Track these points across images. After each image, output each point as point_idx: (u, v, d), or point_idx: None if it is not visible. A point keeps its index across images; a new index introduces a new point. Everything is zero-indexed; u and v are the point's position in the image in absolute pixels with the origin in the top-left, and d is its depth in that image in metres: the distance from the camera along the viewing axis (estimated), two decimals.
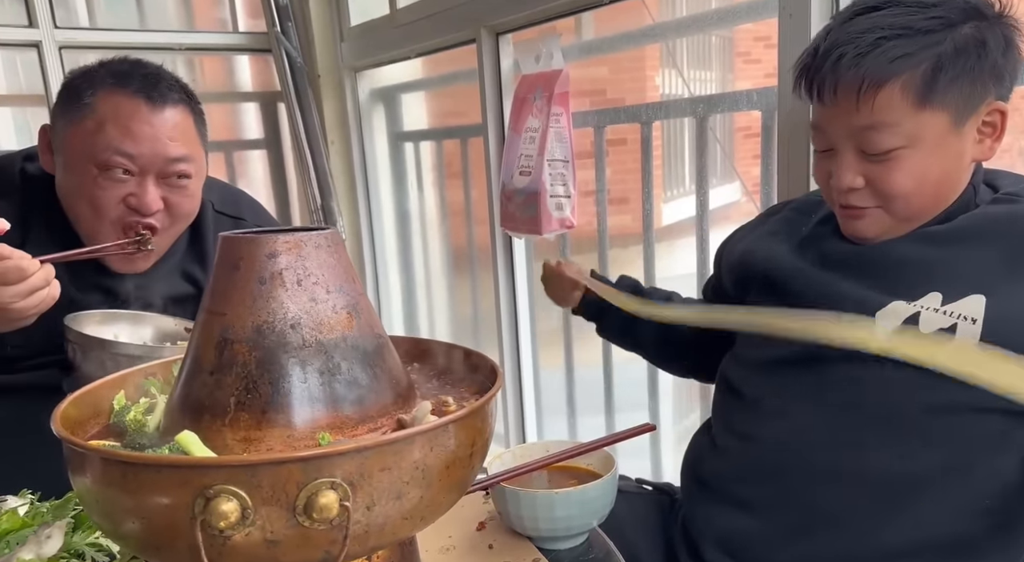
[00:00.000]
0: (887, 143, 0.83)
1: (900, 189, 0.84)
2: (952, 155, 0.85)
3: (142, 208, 1.12)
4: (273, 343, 0.65)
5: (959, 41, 0.82)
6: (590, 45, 1.86)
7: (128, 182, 1.11)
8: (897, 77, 0.81)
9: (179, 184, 1.15)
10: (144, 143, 1.10)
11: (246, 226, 1.34)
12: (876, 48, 0.81)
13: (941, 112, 0.82)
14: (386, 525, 0.61)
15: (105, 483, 0.59)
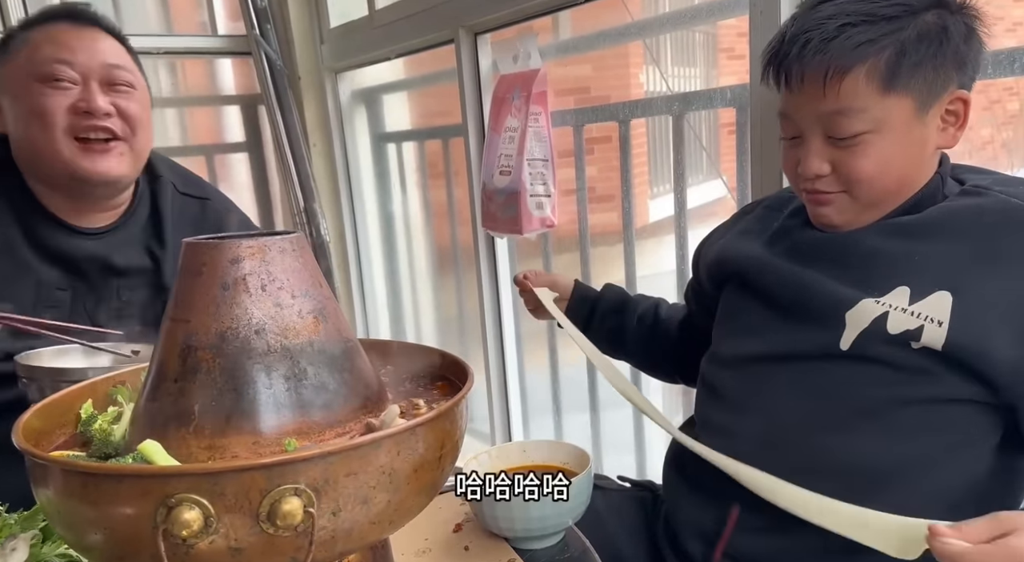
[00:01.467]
0: (854, 127, 0.84)
1: (865, 174, 0.85)
2: (916, 141, 0.86)
3: (92, 110, 1.13)
4: (237, 349, 0.65)
5: (921, 27, 0.83)
6: (568, 44, 1.86)
7: (73, 90, 1.13)
8: (862, 63, 0.82)
9: (125, 91, 1.17)
10: (80, 51, 1.13)
11: (212, 206, 1.34)
12: (841, 34, 0.82)
13: (905, 97, 0.83)
14: (353, 530, 0.61)
15: (66, 494, 0.58)
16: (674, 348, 1.18)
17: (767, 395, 0.92)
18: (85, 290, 1.19)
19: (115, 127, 1.15)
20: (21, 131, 1.14)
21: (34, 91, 1.11)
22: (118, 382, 0.79)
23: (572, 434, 1.95)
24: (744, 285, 0.98)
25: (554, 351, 1.97)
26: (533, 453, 0.96)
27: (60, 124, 1.12)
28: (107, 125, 1.14)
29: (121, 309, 1.20)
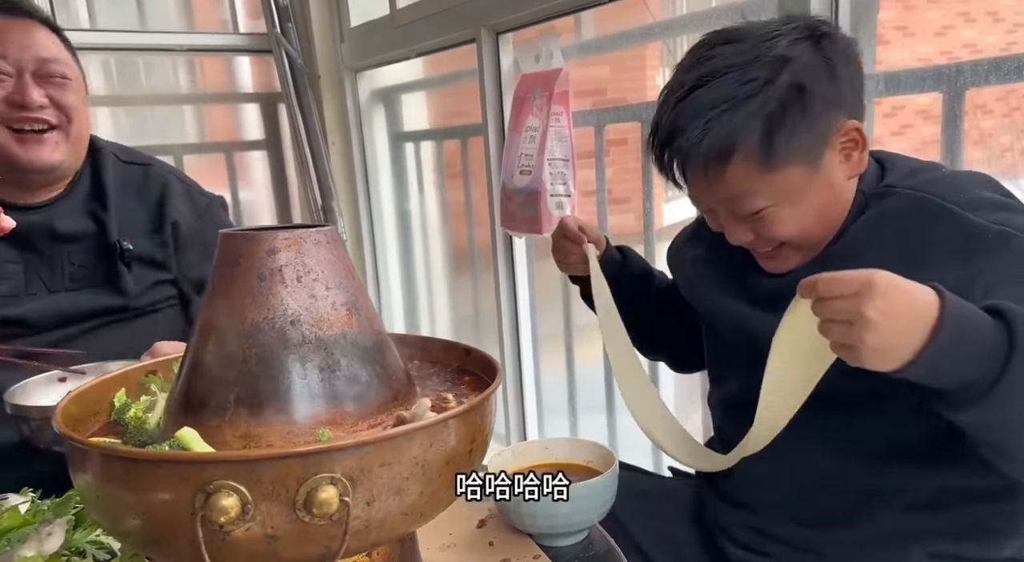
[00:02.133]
0: (754, 206, 0.84)
1: (786, 235, 0.86)
2: (822, 190, 0.84)
3: (26, 103, 1.16)
4: (273, 339, 0.65)
5: (780, 95, 0.80)
6: (590, 44, 1.86)
7: (7, 82, 1.16)
8: (736, 151, 0.81)
9: (60, 83, 1.20)
10: (12, 45, 1.16)
11: (154, 171, 1.36)
12: (708, 132, 0.81)
13: (792, 167, 0.82)
14: (386, 520, 0.61)
15: (106, 479, 0.59)
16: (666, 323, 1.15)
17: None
18: (37, 261, 1.22)
19: (50, 117, 1.19)
20: None
21: None
22: (150, 371, 0.80)
23: (588, 434, 1.95)
24: (709, 325, 1.02)
25: (570, 351, 1.97)
26: (556, 451, 0.96)
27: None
28: (41, 117, 1.18)
29: (74, 273, 1.24)
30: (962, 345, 0.65)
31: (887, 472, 0.86)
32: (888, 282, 0.65)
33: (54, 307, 1.19)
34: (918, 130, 4.44)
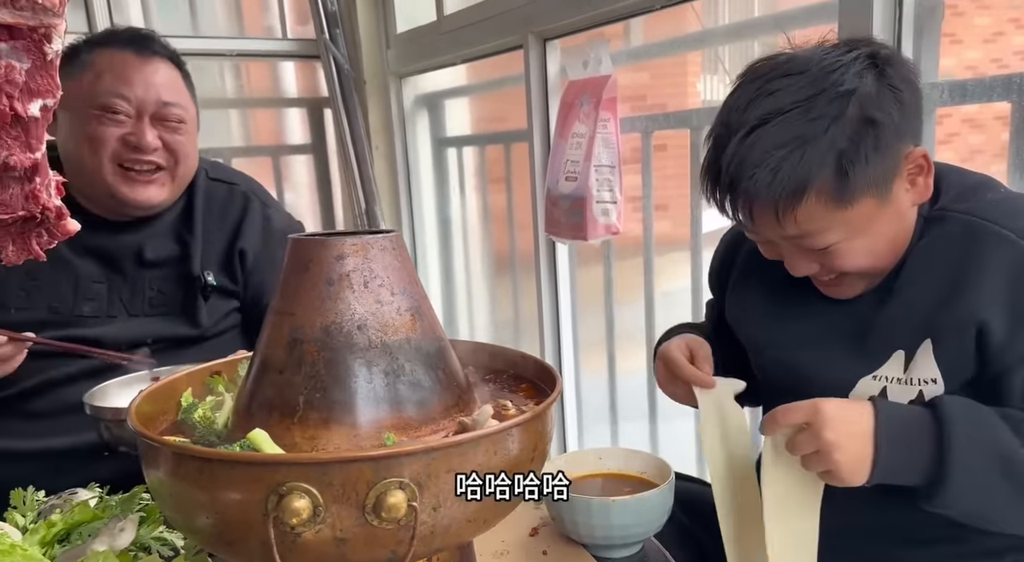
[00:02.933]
0: (825, 242, 0.82)
1: (855, 266, 0.84)
2: (891, 219, 0.83)
3: (141, 146, 1.19)
4: (341, 344, 0.66)
5: (850, 132, 0.78)
6: (638, 51, 1.85)
7: (126, 123, 1.18)
8: (809, 190, 0.79)
9: (175, 127, 1.23)
10: (138, 86, 1.19)
11: (239, 190, 1.38)
12: (778, 172, 0.78)
13: (865, 200, 0.80)
14: (451, 526, 0.61)
15: (179, 477, 0.60)
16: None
17: None
18: (121, 283, 1.24)
19: (160, 160, 1.21)
20: (71, 149, 1.21)
21: (90, 118, 1.17)
22: (215, 372, 0.81)
23: (629, 443, 1.94)
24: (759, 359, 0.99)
25: (612, 358, 1.95)
26: (609, 461, 0.95)
27: (108, 152, 1.18)
28: (152, 159, 1.20)
29: (154, 299, 1.26)
30: (905, 444, 0.76)
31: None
32: (831, 405, 0.77)
33: (130, 331, 1.21)
34: (965, 139, 4.33)
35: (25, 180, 0.69)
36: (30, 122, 0.67)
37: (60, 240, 0.73)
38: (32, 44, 0.65)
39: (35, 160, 0.68)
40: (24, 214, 0.69)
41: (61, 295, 1.17)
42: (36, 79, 0.66)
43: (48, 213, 0.71)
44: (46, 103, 0.68)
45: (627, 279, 1.92)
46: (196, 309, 1.25)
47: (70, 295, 1.20)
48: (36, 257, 0.72)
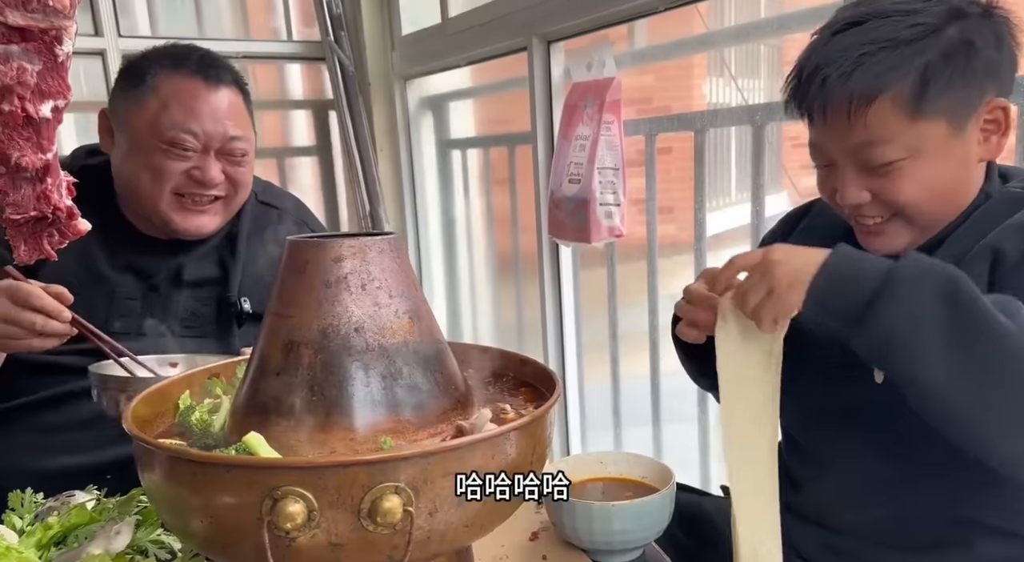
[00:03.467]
0: (886, 156, 0.80)
1: (909, 199, 0.82)
2: (957, 159, 0.82)
3: (205, 181, 1.18)
4: (338, 346, 0.66)
5: (945, 46, 0.79)
6: (642, 53, 1.85)
7: (192, 157, 1.17)
8: (886, 91, 0.78)
9: (239, 161, 1.22)
10: (206, 122, 1.17)
11: (287, 215, 1.37)
12: (861, 65, 0.79)
13: (937, 120, 0.80)
14: (447, 532, 0.61)
15: (174, 481, 0.60)
16: None
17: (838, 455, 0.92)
18: (155, 300, 1.23)
19: (220, 192, 1.21)
20: (130, 174, 1.19)
21: (155, 149, 1.16)
22: (213, 374, 0.81)
23: (633, 447, 1.93)
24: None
25: (615, 362, 1.94)
26: (610, 466, 0.94)
27: (170, 184, 1.17)
28: (213, 193, 1.20)
29: (187, 320, 1.24)
30: (854, 261, 0.72)
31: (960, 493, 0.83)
32: (786, 244, 0.77)
33: (159, 350, 1.17)
34: None
35: (37, 181, 0.69)
36: (41, 123, 0.67)
37: (71, 239, 0.73)
38: (43, 46, 0.65)
39: (46, 161, 0.68)
40: (36, 214, 0.69)
41: (95, 309, 1.15)
42: (47, 81, 0.66)
43: (59, 213, 0.71)
44: (57, 104, 0.68)
45: (631, 282, 1.92)
46: (230, 334, 1.23)
47: (103, 310, 1.18)
48: (47, 257, 0.72)
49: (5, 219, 0.65)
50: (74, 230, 0.67)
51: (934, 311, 0.67)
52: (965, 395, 0.68)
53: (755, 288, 0.75)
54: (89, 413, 1.02)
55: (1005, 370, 0.67)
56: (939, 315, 0.67)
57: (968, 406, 0.68)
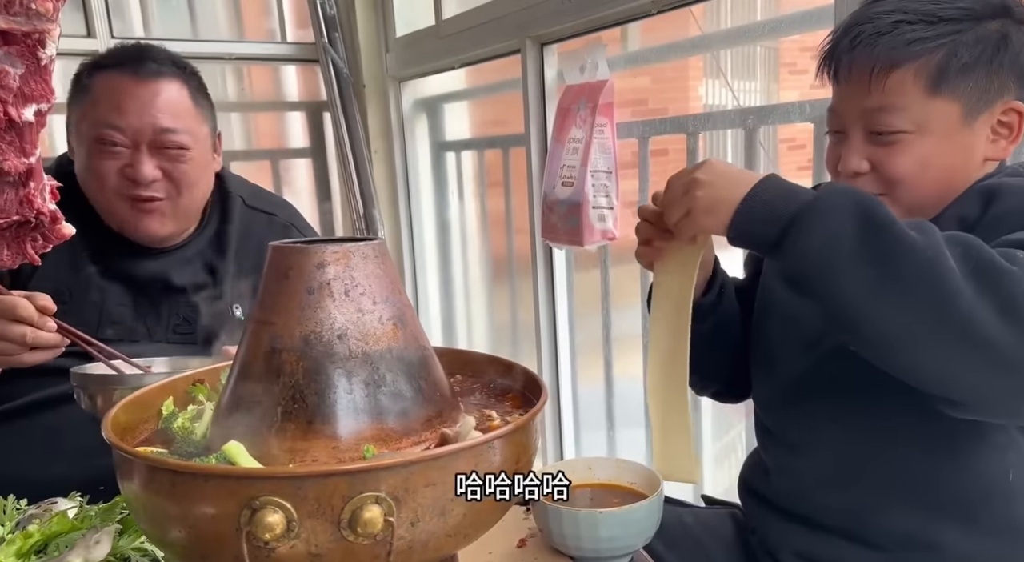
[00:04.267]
0: (894, 124, 0.82)
1: (903, 173, 0.83)
2: (960, 149, 0.83)
3: (136, 177, 1.14)
4: (320, 353, 0.65)
5: (981, 33, 0.80)
6: (635, 56, 1.85)
7: (123, 154, 1.14)
8: (911, 61, 0.80)
9: (176, 155, 1.17)
10: (131, 116, 1.13)
11: (279, 221, 1.36)
12: (894, 30, 0.81)
13: (952, 102, 0.81)
14: (430, 542, 0.60)
15: (153, 490, 0.59)
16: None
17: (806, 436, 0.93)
18: (146, 307, 1.22)
19: (158, 192, 1.17)
20: (82, 181, 1.18)
21: (92, 150, 1.14)
22: (197, 380, 0.80)
23: (626, 450, 1.92)
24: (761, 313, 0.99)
25: (609, 365, 1.94)
26: (599, 471, 0.94)
27: (111, 186, 1.15)
28: (150, 193, 1.16)
29: (179, 327, 1.23)
30: (781, 192, 0.72)
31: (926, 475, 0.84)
32: (719, 160, 0.77)
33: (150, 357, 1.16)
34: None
35: (20, 185, 0.68)
36: (24, 127, 0.66)
37: (55, 244, 0.73)
38: (26, 49, 0.64)
39: (29, 165, 0.67)
40: (19, 218, 0.69)
41: (85, 317, 1.14)
42: (30, 84, 0.66)
43: (43, 217, 0.70)
44: (40, 108, 0.67)
45: (625, 285, 1.91)
46: (221, 339, 1.20)
47: (95, 317, 1.17)
48: (31, 261, 0.71)
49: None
50: (58, 234, 0.66)
51: (849, 231, 0.68)
52: (882, 311, 0.67)
53: (676, 205, 0.77)
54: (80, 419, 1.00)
55: (919, 284, 0.66)
56: (854, 235, 0.68)
57: (886, 323, 0.68)
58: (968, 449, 0.82)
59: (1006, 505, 0.82)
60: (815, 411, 0.90)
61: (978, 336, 0.64)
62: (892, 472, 0.85)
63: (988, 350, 0.64)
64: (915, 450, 0.83)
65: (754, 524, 1.01)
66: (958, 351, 0.66)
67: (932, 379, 0.70)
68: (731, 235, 0.75)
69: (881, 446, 0.85)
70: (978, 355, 0.65)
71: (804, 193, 0.72)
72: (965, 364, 0.67)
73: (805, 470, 0.92)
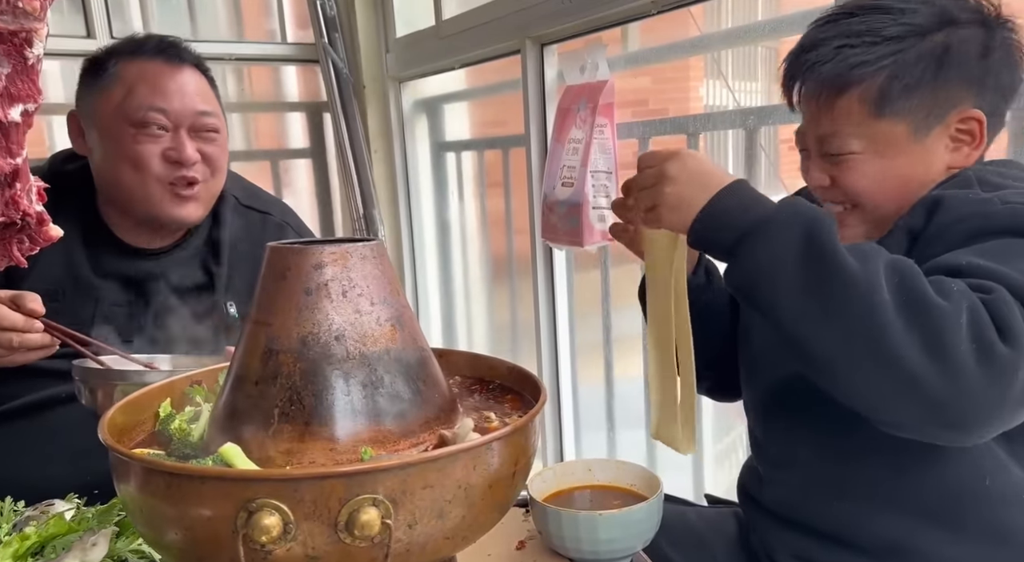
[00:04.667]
0: (843, 147, 0.83)
1: (860, 189, 0.84)
2: (916, 162, 0.83)
3: (182, 159, 1.16)
4: (318, 354, 0.65)
5: (923, 49, 0.80)
6: (636, 56, 1.84)
7: (164, 137, 1.16)
8: (855, 86, 0.81)
9: (210, 137, 1.19)
10: (174, 98, 1.15)
11: (274, 221, 1.36)
12: (836, 56, 0.81)
13: (897, 123, 0.81)
14: (427, 544, 0.60)
15: (149, 492, 0.59)
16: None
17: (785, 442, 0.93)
18: (142, 306, 1.22)
19: (199, 174, 1.18)
20: (110, 170, 1.17)
21: (127, 135, 1.14)
22: (194, 382, 0.80)
23: (626, 451, 1.92)
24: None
25: (610, 366, 1.94)
26: (599, 473, 0.93)
27: (153, 171, 1.15)
28: (192, 174, 1.17)
29: (174, 326, 1.22)
30: (742, 203, 0.73)
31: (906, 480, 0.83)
32: (693, 154, 0.77)
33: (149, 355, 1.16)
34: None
35: (5, 186, 0.68)
36: (10, 127, 0.66)
37: (42, 246, 0.72)
38: (12, 49, 0.64)
39: (15, 166, 0.67)
40: (4, 220, 0.68)
41: (80, 318, 1.14)
42: (16, 84, 0.65)
43: (29, 219, 0.69)
44: (27, 108, 0.67)
45: (625, 285, 1.91)
46: (217, 340, 1.21)
47: (89, 317, 1.17)
48: (17, 264, 0.70)
49: None
50: (45, 236, 0.66)
51: (793, 255, 0.68)
52: (817, 334, 0.68)
53: (644, 197, 0.79)
54: (77, 421, 1.00)
55: (852, 316, 0.66)
56: (797, 260, 0.68)
57: (820, 345, 0.68)
58: (942, 459, 0.81)
59: (987, 511, 0.82)
60: (792, 424, 0.91)
61: (904, 372, 0.64)
62: (869, 483, 0.85)
63: (914, 386, 0.65)
64: (888, 460, 0.83)
65: (754, 526, 1.01)
66: (885, 382, 0.66)
67: (865, 405, 0.71)
68: (690, 239, 0.76)
69: (855, 459, 0.85)
70: (904, 389, 0.65)
71: (762, 208, 0.73)
72: (893, 395, 0.67)
73: (791, 481, 0.93)
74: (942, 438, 0.71)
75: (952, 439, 0.70)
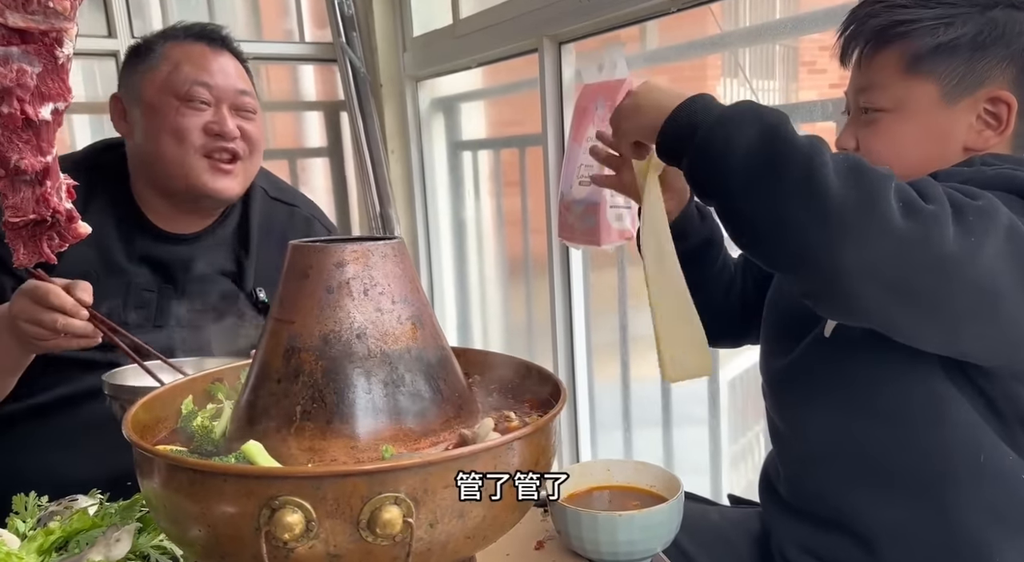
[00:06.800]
0: (875, 102, 0.85)
1: (878, 152, 0.84)
2: (937, 131, 0.83)
3: (224, 132, 1.20)
4: (339, 352, 0.65)
5: (975, 20, 0.80)
6: (654, 54, 1.83)
7: (207, 111, 1.20)
8: (899, 41, 0.82)
9: (249, 117, 1.24)
10: (217, 75, 1.22)
11: (301, 214, 1.38)
12: (889, 11, 0.83)
13: (929, 82, 0.82)
14: (448, 543, 0.60)
15: (172, 489, 0.59)
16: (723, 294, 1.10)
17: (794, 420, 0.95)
18: (171, 292, 1.23)
19: (239, 148, 1.22)
20: (151, 143, 1.20)
21: (171, 108, 1.18)
22: (216, 379, 0.81)
23: (642, 451, 1.91)
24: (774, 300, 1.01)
25: (626, 366, 1.93)
26: (618, 473, 0.93)
27: (195, 143, 1.19)
28: (233, 147, 1.21)
29: (202, 312, 1.24)
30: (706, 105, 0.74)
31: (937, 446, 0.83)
32: (656, 80, 0.82)
33: (174, 342, 1.18)
34: None
35: (36, 184, 0.69)
36: (41, 126, 0.66)
37: (71, 243, 0.73)
38: (43, 48, 0.65)
39: (46, 164, 0.68)
40: (35, 217, 0.69)
41: (111, 300, 1.16)
42: (47, 83, 0.66)
43: (59, 216, 0.70)
44: (57, 107, 0.67)
45: (641, 285, 1.90)
46: (245, 326, 1.22)
47: (120, 301, 1.19)
48: (47, 260, 0.71)
49: (4, 222, 0.65)
50: (74, 233, 0.66)
51: (752, 133, 0.69)
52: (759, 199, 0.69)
53: (627, 131, 0.85)
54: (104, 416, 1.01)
55: (791, 174, 0.67)
56: (754, 137, 0.69)
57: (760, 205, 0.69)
58: (944, 427, 0.81)
59: (987, 487, 0.81)
60: (802, 399, 0.92)
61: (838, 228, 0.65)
62: (871, 457, 0.86)
63: (845, 236, 0.65)
64: (891, 433, 0.84)
65: (768, 520, 1.01)
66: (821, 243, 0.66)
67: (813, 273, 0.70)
68: (660, 147, 0.79)
69: (860, 433, 0.86)
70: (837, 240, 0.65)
71: (724, 107, 0.74)
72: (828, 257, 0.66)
73: (801, 463, 0.94)
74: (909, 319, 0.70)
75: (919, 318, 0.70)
